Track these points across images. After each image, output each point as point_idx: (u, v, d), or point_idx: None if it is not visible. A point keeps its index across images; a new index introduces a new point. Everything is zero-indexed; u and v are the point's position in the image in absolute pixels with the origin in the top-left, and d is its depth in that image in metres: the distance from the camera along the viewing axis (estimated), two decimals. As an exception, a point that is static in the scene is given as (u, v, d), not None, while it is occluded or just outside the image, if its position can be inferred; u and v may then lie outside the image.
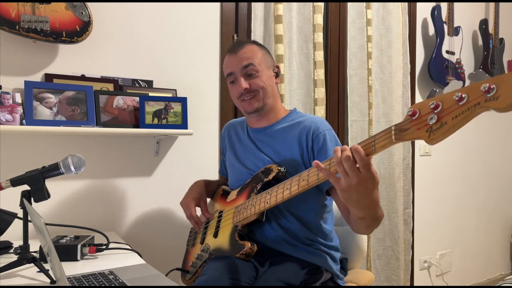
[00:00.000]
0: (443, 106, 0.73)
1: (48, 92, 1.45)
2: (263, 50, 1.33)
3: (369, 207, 0.95)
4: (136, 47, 1.69)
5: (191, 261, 1.37)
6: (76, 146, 1.58)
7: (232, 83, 1.31)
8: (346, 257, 1.47)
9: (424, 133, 0.75)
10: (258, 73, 1.27)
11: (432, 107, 0.74)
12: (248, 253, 1.18)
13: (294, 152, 1.25)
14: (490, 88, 0.66)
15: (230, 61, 1.30)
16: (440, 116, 0.73)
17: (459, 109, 0.70)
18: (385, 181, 2.30)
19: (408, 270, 2.45)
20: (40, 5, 1.39)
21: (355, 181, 0.86)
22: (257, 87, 1.27)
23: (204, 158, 1.86)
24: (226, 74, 1.32)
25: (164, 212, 1.77)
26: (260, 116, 1.33)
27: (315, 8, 2.04)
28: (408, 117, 0.78)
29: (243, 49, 1.28)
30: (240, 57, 1.27)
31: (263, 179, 1.22)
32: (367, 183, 0.87)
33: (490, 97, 0.66)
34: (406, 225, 2.39)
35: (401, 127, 0.80)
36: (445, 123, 0.72)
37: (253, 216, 1.19)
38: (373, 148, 0.85)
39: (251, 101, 1.28)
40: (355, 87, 2.22)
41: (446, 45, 2.58)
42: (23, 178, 1.08)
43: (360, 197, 0.90)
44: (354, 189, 0.88)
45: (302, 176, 1.05)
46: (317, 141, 1.22)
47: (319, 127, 1.24)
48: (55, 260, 0.77)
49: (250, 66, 1.26)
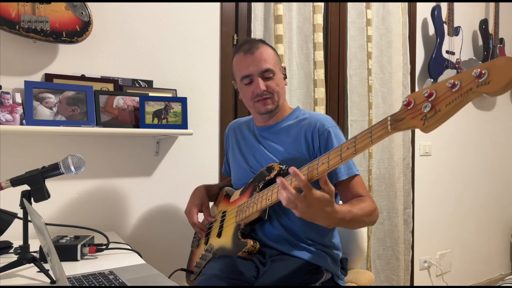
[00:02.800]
0: (437, 94, 0.73)
1: (48, 92, 1.45)
2: (274, 51, 1.34)
3: (327, 219, 1.00)
4: (136, 47, 1.69)
5: (195, 261, 1.38)
6: (76, 146, 1.58)
7: (248, 85, 1.29)
8: (346, 257, 1.47)
9: (418, 121, 0.76)
10: (274, 76, 1.28)
11: (426, 95, 0.75)
12: (250, 251, 1.19)
13: (299, 149, 1.26)
14: (481, 73, 0.67)
15: (247, 62, 1.27)
16: (434, 104, 0.74)
17: (452, 95, 0.71)
18: (385, 181, 2.30)
19: (408, 270, 2.45)
20: (40, 5, 1.39)
21: (304, 207, 0.94)
22: (273, 90, 1.28)
23: (204, 158, 1.86)
24: (241, 76, 1.29)
25: (164, 212, 1.77)
26: (271, 116, 1.34)
27: (315, 8, 2.04)
28: (403, 107, 0.79)
29: (259, 50, 1.27)
30: (258, 59, 1.26)
31: (265, 178, 1.22)
32: (316, 205, 0.95)
33: (481, 82, 0.67)
34: (406, 225, 2.39)
35: (397, 117, 0.81)
36: (439, 110, 0.73)
37: (255, 214, 1.19)
38: (370, 139, 0.86)
39: (266, 102, 1.28)
40: (355, 87, 2.22)
41: (446, 45, 2.58)
42: (23, 178, 1.08)
43: (317, 214, 0.97)
44: (306, 213, 0.95)
45: (302, 170, 1.04)
46: (323, 138, 1.24)
47: (324, 124, 1.26)
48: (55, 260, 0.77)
49: (268, 70, 1.26)
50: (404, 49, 2.35)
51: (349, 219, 1.07)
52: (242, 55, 1.29)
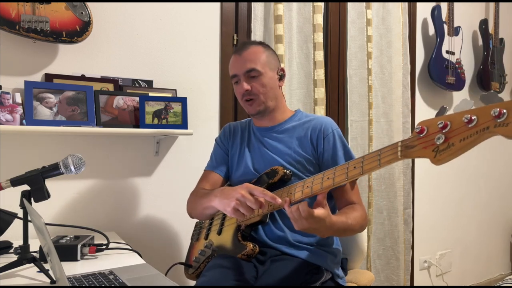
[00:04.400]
0: (452, 126, 0.71)
1: (48, 92, 1.45)
2: (268, 51, 1.33)
3: (325, 232, 1.04)
4: (136, 47, 1.69)
5: (194, 256, 1.38)
6: (76, 146, 1.58)
7: (236, 84, 1.33)
8: (346, 257, 1.47)
9: (430, 152, 0.74)
10: (260, 76, 1.28)
11: (440, 126, 0.72)
12: (249, 254, 1.19)
13: (305, 150, 1.27)
14: (500, 113, 0.64)
15: (234, 63, 1.32)
16: (448, 137, 0.71)
17: (467, 131, 0.68)
18: (385, 181, 2.30)
19: (408, 270, 2.45)
20: (40, 5, 1.39)
21: (306, 224, 0.98)
22: (257, 91, 1.28)
23: (204, 158, 1.85)
24: (230, 75, 1.34)
25: (164, 212, 1.77)
26: (263, 117, 1.34)
27: (315, 8, 2.04)
28: (416, 134, 0.77)
29: (247, 50, 1.29)
30: (244, 59, 1.28)
31: (268, 181, 1.22)
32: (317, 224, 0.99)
33: (500, 123, 0.64)
34: (406, 225, 2.39)
35: (408, 143, 0.79)
36: (452, 144, 0.70)
37: (257, 218, 1.20)
38: (379, 162, 0.85)
39: (252, 103, 1.29)
40: (355, 87, 2.22)
41: (446, 45, 2.58)
42: (23, 178, 1.08)
43: (314, 230, 1.01)
44: (308, 229, 1.00)
45: (306, 182, 1.07)
46: (327, 140, 1.26)
47: (328, 127, 1.29)
48: (55, 260, 0.77)
49: (253, 70, 1.27)
50: (404, 49, 2.35)
51: (343, 230, 1.12)
52: (233, 56, 1.33)
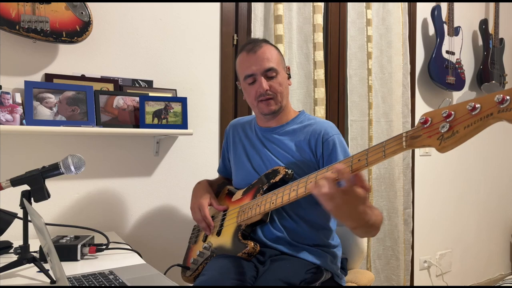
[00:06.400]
0: (456, 115, 0.72)
1: (48, 92, 1.45)
2: (277, 50, 1.32)
3: (357, 219, 0.94)
4: (136, 47, 1.69)
5: (192, 258, 1.37)
6: (76, 146, 1.58)
7: (251, 84, 1.28)
8: (346, 257, 1.47)
9: (435, 141, 0.75)
10: (277, 75, 1.27)
11: (444, 115, 0.74)
12: (250, 253, 1.19)
13: (303, 154, 1.26)
14: (504, 99, 0.66)
15: (248, 62, 1.26)
16: (452, 125, 0.73)
17: (471, 118, 0.70)
18: (385, 181, 2.30)
19: (408, 270, 2.45)
20: (40, 5, 1.39)
21: (340, 201, 0.87)
22: (276, 90, 1.27)
23: (204, 158, 1.86)
24: (245, 75, 1.28)
25: (164, 212, 1.77)
26: (274, 117, 1.33)
27: (315, 8, 2.04)
28: (420, 125, 0.78)
29: (262, 49, 1.26)
30: (261, 58, 1.25)
31: (270, 180, 1.22)
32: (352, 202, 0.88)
33: (503, 108, 0.66)
34: (406, 225, 2.39)
35: (413, 134, 0.80)
36: (457, 132, 0.72)
37: (258, 216, 1.20)
38: (383, 153, 0.85)
39: (269, 102, 1.27)
40: (355, 87, 2.22)
41: (446, 45, 2.58)
42: (23, 178, 1.08)
43: (348, 212, 0.91)
44: (341, 209, 0.89)
45: (309, 178, 1.06)
46: (327, 146, 1.23)
47: (329, 131, 1.26)
48: (55, 260, 0.76)
49: (271, 69, 1.25)
50: (404, 49, 2.35)
51: (370, 224, 1.00)
52: (245, 54, 1.28)
